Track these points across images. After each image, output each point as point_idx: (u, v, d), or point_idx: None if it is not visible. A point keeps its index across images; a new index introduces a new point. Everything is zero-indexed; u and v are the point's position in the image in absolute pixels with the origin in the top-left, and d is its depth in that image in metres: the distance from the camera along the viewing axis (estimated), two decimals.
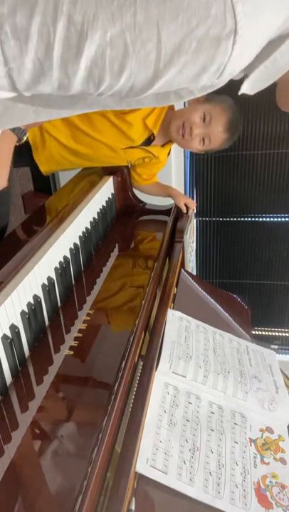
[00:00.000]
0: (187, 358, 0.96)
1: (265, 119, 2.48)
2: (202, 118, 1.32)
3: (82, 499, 0.58)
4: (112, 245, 1.38)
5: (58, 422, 0.73)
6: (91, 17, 0.38)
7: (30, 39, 0.39)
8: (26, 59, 0.40)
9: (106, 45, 0.39)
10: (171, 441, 0.78)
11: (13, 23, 0.38)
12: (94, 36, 0.39)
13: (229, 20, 0.39)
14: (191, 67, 0.42)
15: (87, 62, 0.40)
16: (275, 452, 0.84)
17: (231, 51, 0.41)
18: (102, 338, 0.93)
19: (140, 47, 0.40)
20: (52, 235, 1.02)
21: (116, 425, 0.72)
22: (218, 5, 0.38)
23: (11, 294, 0.81)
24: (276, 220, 2.80)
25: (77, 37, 0.39)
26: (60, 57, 0.40)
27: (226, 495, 0.74)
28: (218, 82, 0.45)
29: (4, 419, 0.72)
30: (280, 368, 1.06)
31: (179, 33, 0.39)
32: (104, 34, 0.39)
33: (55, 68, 0.41)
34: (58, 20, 0.38)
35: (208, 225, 2.90)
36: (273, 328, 3.19)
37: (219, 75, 0.43)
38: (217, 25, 0.39)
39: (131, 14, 0.38)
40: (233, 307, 1.35)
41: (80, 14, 0.38)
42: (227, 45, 0.40)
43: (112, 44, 0.39)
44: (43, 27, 0.38)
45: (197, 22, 0.39)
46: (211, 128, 1.32)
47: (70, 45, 0.39)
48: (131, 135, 1.32)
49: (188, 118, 1.33)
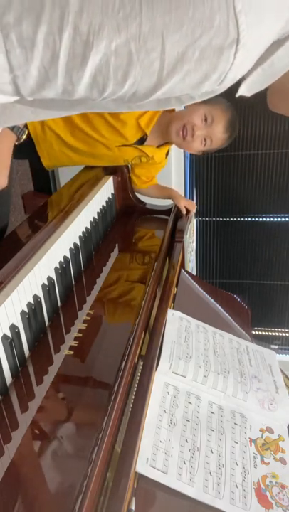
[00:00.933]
0: (187, 358, 0.96)
1: (264, 119, 2.48)
2: (203, 119, 1.33)
3: (82, 499, 0.58)
4: (112, 245, 1.38)
5: (57, 422, 0.73)
6: (97, 27, 0.39)
7: (36, 47, 0.39)
8: (32, 66, 0.41)
9: (111, 54, 0.40)
10: (171, 441, 0.78)
11: (19, 32, 0.39)
12: (99, 46, 0.39)
13: (232, 31, 0.40)
14: (194, 75, 0.43)
15: (92, 70, 0.41)
16: (275, 452, 0.84)
17: (233, 60, 0.42)
18: (102, 338, 0.93)
19: (144, 56, 0.40)
20: (52, 235, 1.02)
21: (116, 425, 0.72)
22: (222, 16, 0.39)
23: (11, 294, 0.81)
24: (276, 220, 2.80)
25: (83, 46, 0.39)
26: (65, 65, 0.41)
27: (226, 495, 0.74)
28: (219, 89, 0.47)
29: (4, 419, 0.72)
30: (280, 368, 1.06)
31: (183, 43, 0.40)
32: (109, 44, 0.39)
33: (60, 75, 0.41)
34: (63, 29, 0.39)
35: (208, 225, 2.90)
36: (273, 328, 3.19)
37: (220, 83, 0.44)
38: (220, 35, 0.40)
39: (136, 24, 0.39)
40: (233, 307, 1.35)
41: (85, 24, 0.39)
42: (229, 53, 0.41)
43: (116, 53, 0.40)
44: (48, 36, 0.39)
45: (201, 32, 0.40)
46: (213, 128, 1.34)
47: (76, 54, 0.40)
48: (124, 133, 1.34)
49: (189, 120, 1.34)
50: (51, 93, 0.44)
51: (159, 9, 0.39)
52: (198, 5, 0.39)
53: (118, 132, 1.33)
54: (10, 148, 0.93)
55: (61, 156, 1.42)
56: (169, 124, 1.38)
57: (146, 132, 1.37)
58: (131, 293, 1.11)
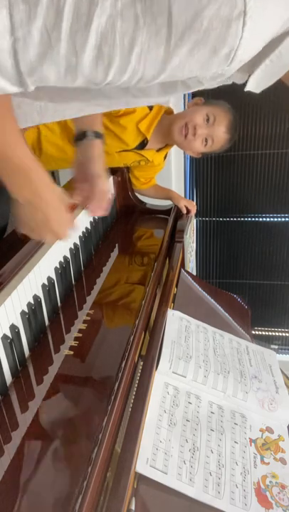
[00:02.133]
0: (187, 358, 0.96)
1: (265, 120, 2.48)
2: (205, 119, 1.33)
3: (82, 499, 0.58)
4: (112, 245, 1.38)
5: (57, 422, 0.72)
6: None
7: (40, 3, 0.38)
8: (34, 27, 0.38)
9: (116, 15, 0.38)
10: (171, 441, 0.78)
11: None
12: (104, 4, 0.38)
13: (239, 2, 0.39)
14: (203, 47, 0.41)
15: (97, 36, 0.39)
16: (275, 452, 0.84)
17: (242, 33, 0.40)
18: (102, 338, 0.92)
19: (151, 20, 0.39)
20: None
21: (116, 425, 0.72)
22: None
23: (11, 294, 0.81)
24: (276, 220, 2.80)
25: (88, 4, 0.38)
26: (69, 28, 0.38)
27: (226, 495, 0.73)
28: (229, 70, 0.44)
29: (4, 419, 0.72)
30: (280, 368, 1.06)
31: (190, 10, 0.39)
32: (115, 2, 0.38)
33: (64, 40, 0.39)
34: None
35: (208, 225, 2.90)
36: (273, 328, 3.19)
37: (230, 61, 0.43)
38: (227, 5, 0.39)
39: None
40: (233, 307, 1.35)
41: None
42: (237, 26, 0.40)
43: (122, 15, 0.38)
44: None
45: (208, 0, 0.38)
46: (214, 128, 1.34)
47: (80, 14, 0.38)
48: (124, 138, 1.33)
49: (191, 119, 1.34)
50: (53, 71, 0.41)
51: None
52: None
53: (118, 138, 1.33)
54: None
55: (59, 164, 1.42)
56: (170, 125, 1.38)
57: (146, 136, 1.36)
58: (131, 293, 1.11)
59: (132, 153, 1.40)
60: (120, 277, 1.18)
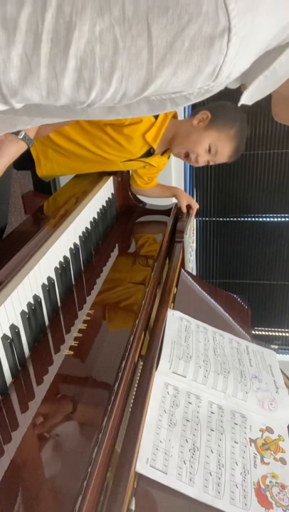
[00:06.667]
0: (187, 358, 0.96)
1: (265, 119, 2.48)
2: (207, 150, 1.31)
3: (82, 499, 0.58)
4: (112, 245, 1.38)
5: (58, 422, 0.73)
6: (79, 8, 0.37)
7: (18, 29, 0.38)
8: (13, 53, 0.38)
9: (95, 40, 0.38)
10: (171, 441, 0.78)
11: (2, 12, 0.37)
12: (82, 28, 0.37)
13: (222, 18, 0.37)
14: (186, 67, 0.40)
15: (76, 60, 0.39)
16: (275, 452, 0.84)
17: (226, 50, 0.39)
18: (102, 338, 0.93)
19: (131, 43, 0.38)
20: (52, 235, 1.02)
21: (116, 425, 0.72)
22: (210, 1, 0.37)
23: (11, 294, 0.81)
24: (276, 220, 2.80)
25: (66, 28, 0.37)
26: (48, 52, 0.38)
27: (226, 495, 0.73)
28: (215, 86, 0.43)
29: (4, 419, 0.72)
30: (280, 368, 1.06)
31: (170, 30, 0.38)
32: (92, 27, 0.37)
33: (43, 65, 0.39)
34: (46, 10, 0.37)
35: (208, 225, 2.90)
36: (273, 328, 3.19)
37: (215, 78, 0.41)
38: (209, 23, 0.38)
39: (119, 7, 0.37)
40: (233, 307, 1.35)
41: (68, 5, 0.37)
42: (221, 43, 0.38)
43: (101, 39, 0.38)
44: (31, 17, 0.37)
45: (188, 18, 0.37)
46: (217, 157, 1.33)
47: (59, 38, 0.38)
48: (130, 148, 1.31)
49: (192, 149, 1.32)
50: (35, 94, 0.41)
51: None
52: None
53: (123, 148, 1.31)
54: (16, 154, 0.92)
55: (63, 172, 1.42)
56: (172, 140, 1.36)
57: (153, 147, 1.34)
58: (131, 293, 1.11)
59: (137, 162, 1.40)
60: (120, 277, 1.18)
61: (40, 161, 1.38)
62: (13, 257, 0.85)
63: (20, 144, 0.91)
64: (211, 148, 1.30)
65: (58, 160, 1.37)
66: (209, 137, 1.30)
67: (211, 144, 1.30)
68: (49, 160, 1.38)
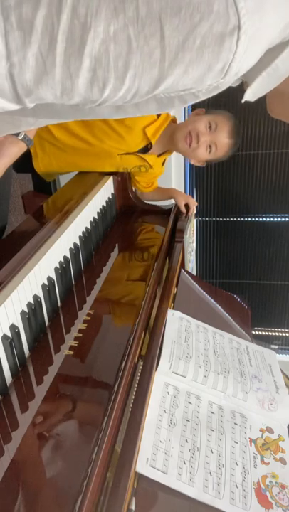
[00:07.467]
0: (187, 358, 0.96)
1: (265, 119, 2.48)
2: (208, 126, 1.35)
3: (82, 499, 0.58)
4: (112, 245, 1.38)
5: (58, 422, 0.73)
6: (94, 9, 0.38)
7: (34, 30, 0.39)
8: (29, 53, 0.39)
9: (109, 40, 0.39)
10: (171, 441, 0.78)
11: (18, 14, 0.38)
12: (97, 29, 0.38)
13: (232, 17, 0.39)
14: (197, 65, 0.41)
15: (91, 59, 0.39)
16: (275, 452, 0.84)
17: (236, 48, 0.40)
18: (102, 338, 0.92)
19: (144, 43, 0.39)
20: (52, 235, 1.02)
21: (116, 425, 0.72)
22: (221, 0, 0.38)
23: (11, 294, 0.81)
24: (276, 220, 2.80)
25: (81, 29, 0.38)
26: (63, 53, 0.39)
27: (226, 495, 0.73)
28: (223, 83, 0.45)
29: (4, 419, 0.72)
30: (280, 367, 1.06)
31: (182, 29, 0.39)
32: (107, 27, 0.38)
33: (58, 65, 0.40)
34: (62, 11, 0.38)
35: (208, 225, 2.90)
36: (273, 328, 3.19)
37: (224, 74, 0.43)
38: (220, 21, 0.39)
39: (133, 8, 0.38)
40: (233, 307, 1.35)
41: (83, 6, 0.38)
42: (231, 41, 0.40)
43: (115, 39, 0.39)
44: (47, 19, 0.38)
45: (200, 17, 0.38)
46: (217, 135, 1.36)
47: (74, 38, 0.39)
48: (129, 140, 1.33)
49: (193, 127, 1.35)
50: (49, 93, 0.42)
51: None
52: None
53: (122, 138, 1.32)
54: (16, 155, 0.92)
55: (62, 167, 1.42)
56: (173, 134, 1.39)
57: (151, 142, 1.37)
58: (131, 293, 1.11)
59: (134, 157, 1.40)
60: (120, 277, 1.18)
61: (38, 155, 1.39)
62: (13, 257, 0.85)
63: (21, 145, 0.91)
64: (211, 125, 1.35)
65: (55, 153, 1.38)
66: (208, 116, 1.37)
67: (211, 120, 1.35)
68: (46, 153, 1.38)
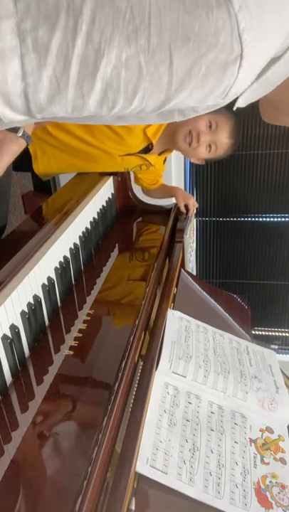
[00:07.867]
0: (187, 358, 0.96)
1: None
2: (208, 125, 1.35)
3: (82, 499, 0.58)
4: (112, 245, 1.38)
5: (58, 422, 0.73)
6: (108, 37, 0.40)
7: (49, 53, 0.41)
8: (44, 74, 0.41)
9: (121, 66, 0.41)
10: (171, 441, 0.78)
11: (34, 37, 0.40)
12: (110, 55, 0.41)
13: (236, 47, 0.42)
14: (201, 90, 0.45)
15: (103, 83, 0.42)
16: (275, 452, 0.84)
17: (237, 74, 0.44)
18: (102, 338, 0.93)
19: (154, 69, 0.42)
20: (52, 235, 1.02)
21: (116, 425, 0.72)
22: (226, 33, 0.41)
23: (11, 294, 0.81)
24: (276, 220, 2.80)
25: (94, 54, 0.41)
26: (76, 75, 0.42)
27: (226, 495, 0.73)
28: (223, 102, 0.49)
29: (4, 419, 0.72)
30: (280, 367, 1.06)
31: (190, 58, 0.42)
32: (120, 54, 0.41)
33: (71, 86, 0.42)
34: (77, 37, 0.40)
35: (208, 225, 2.90)
36: (273, 328, 3.19)
37: (224, 96, 0.47)
38: (225, 52, 0.42)
39: (145, 37, 0.41)
40: (233, 307, 1.35)
41: (97, 33, 0.40)
42: (234, 69, 0.43)
43: (127, 65, 0.41)
44: (62, 43, 0.40)
45: (207, 48, 0.42)
46: (217, 134, 1.35)
47: (87, 62, 0.41)
48: (129, 141, 1.33)
49: (194, 126, 1.35)
50: (61, 110, 0.44)
51: (167, 24, 0.41)
52: (204, 22, 0.41)
53: (123, 140, 1.32)
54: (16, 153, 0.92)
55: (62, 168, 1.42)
56: (173, 133, 1.38)
57: (152, 142, 1.37)
58: (131, 293, 1.11)
59: (136, 157, 1.40)
60: (120, 277, 1.18)
61: (38, 157, 1.39)
62: (13, 257, 0.85)
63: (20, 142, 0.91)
64: (211, 124, 1.34)
65: (56, 155, 1.37)
66: (208, 115, 1.36)
67: (211, 119, 1.35)
68: (46, 155, 1.38)
